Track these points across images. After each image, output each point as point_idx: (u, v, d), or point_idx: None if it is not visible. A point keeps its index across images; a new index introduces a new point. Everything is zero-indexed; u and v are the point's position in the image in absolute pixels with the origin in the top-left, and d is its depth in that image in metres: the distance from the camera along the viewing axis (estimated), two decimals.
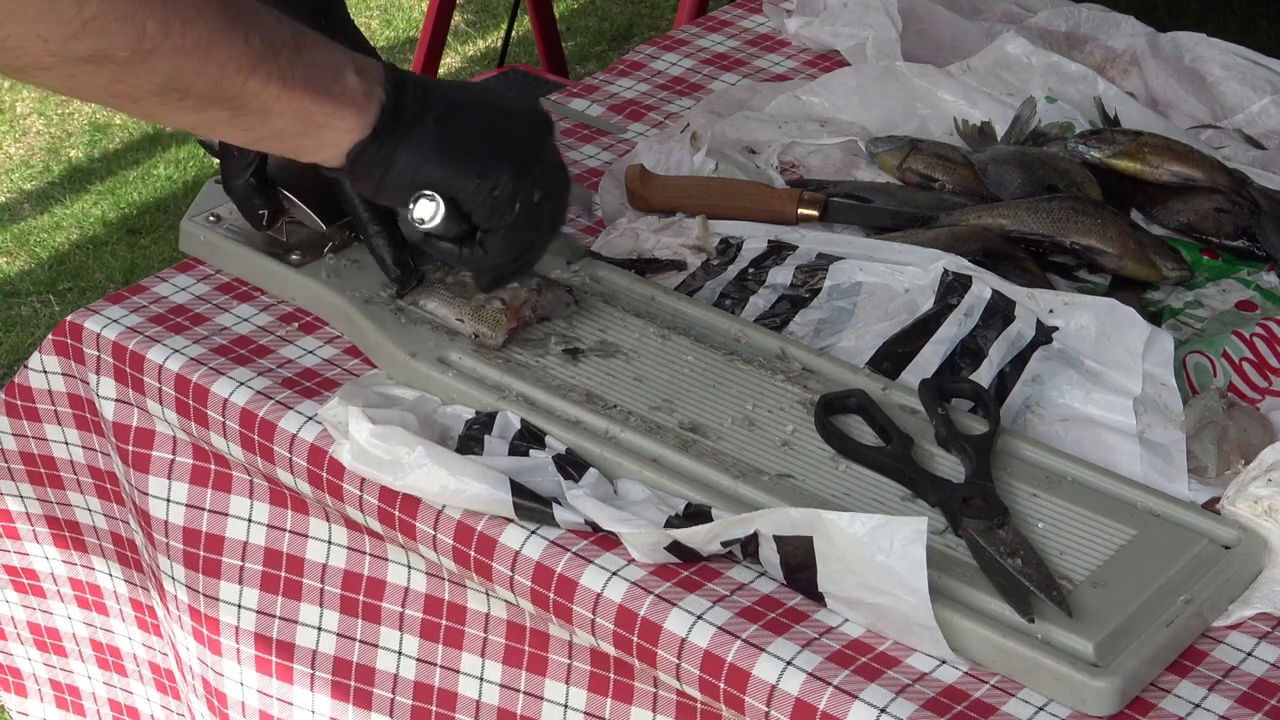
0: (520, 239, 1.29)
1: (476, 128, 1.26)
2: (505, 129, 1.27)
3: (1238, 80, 1.82)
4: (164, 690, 1.62)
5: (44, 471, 1.56)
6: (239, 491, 1.44)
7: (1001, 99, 1.76)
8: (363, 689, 1.40)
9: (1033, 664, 1.14)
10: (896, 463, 1.28)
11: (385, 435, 1.27)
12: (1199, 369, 1.41)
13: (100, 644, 1.64)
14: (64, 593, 1.62)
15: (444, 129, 1.24)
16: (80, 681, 1.67)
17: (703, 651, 1.18)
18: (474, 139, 1.25)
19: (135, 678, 1.64)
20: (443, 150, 1.24)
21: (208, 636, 1.46)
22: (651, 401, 1.35)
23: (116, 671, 1.64)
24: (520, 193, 1.26)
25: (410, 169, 1.24)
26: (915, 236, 1.55)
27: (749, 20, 2.02)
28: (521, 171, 1.26)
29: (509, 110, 1.29)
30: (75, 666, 1.66)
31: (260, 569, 1.43)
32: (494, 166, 1.25)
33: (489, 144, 1.25)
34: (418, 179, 1.24)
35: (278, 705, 1.45)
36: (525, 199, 1.26)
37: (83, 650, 1.65)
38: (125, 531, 1.55)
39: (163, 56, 1.11)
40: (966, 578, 1.19)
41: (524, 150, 1.27)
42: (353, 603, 1.40)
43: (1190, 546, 1.23)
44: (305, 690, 1.43)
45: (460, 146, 1.24)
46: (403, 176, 1.24)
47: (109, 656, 1.64)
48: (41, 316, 3.38)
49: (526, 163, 1.26)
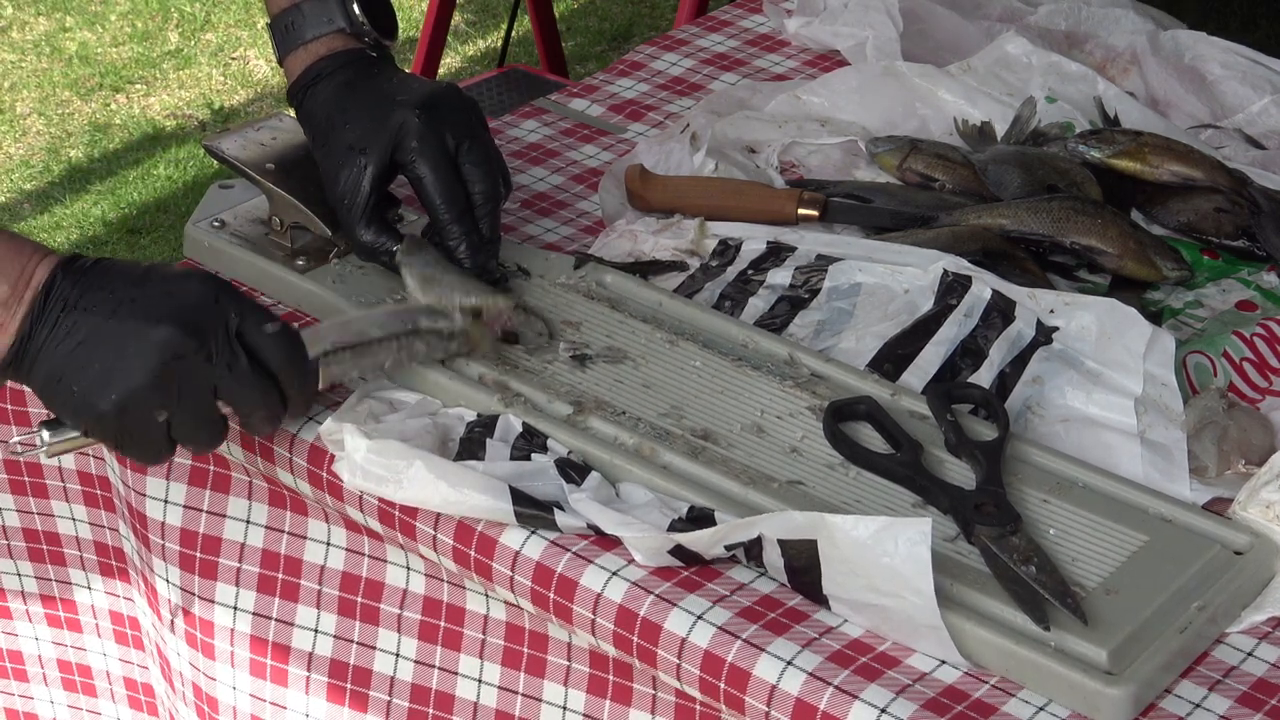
0: (148, 453, 1.27)
1: (85, 357, 1.24)
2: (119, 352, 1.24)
3: (1238, 80, 1.82)
4: (138, 706, 1.60)
5: (28, 480, 1.55)
6: (237, 493, 1.43)
7: (1001, 99, 1.76)
8: (359, 691, 1.40)
9: (1046, 671, 1.14)
10: (907, 470, 1.28)
11: (382, 450, 1.27)
12: (1199, 369, 1.41)
13: (69, 663, 1.61)
14: (33, 611, 1.59)
15: (55, 364, 1.24)
16: (40, 708, 1.64)
17: (703, 651, 1.18)
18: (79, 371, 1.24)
19: (106, 696, 1.61)
20: (50, 385, 1.25)
21: (200, 640, 1.45)
22: (660, 408, 1.35)
23: (85, 692, 1.61)
24: (124, 418, 1.24)
25: (46, 394, 1.26)
26: (915, 236, 1.54)
27: (749, 20, 2.02)
28: (128, 399, 1.23)
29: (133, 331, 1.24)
30: (37, 691, 1.63)
31: (257, 571, 1.42)
32: (91, 399, 1.24)
33: (90, 374, 1.24)
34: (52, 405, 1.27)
35: (271, 710, 1.44)
36: (137, 422, 1.24)
37: (47, 673, 1.62)
38: (113, 540, 1.54)
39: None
40: (978, 584, 1.19)
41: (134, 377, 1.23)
42: (350, 604, 1.39)
43: (1202, 552, 1.23)
44: (300, 693, 1.42)
45: (63, 383, 1.24)
46: (44, 396, 1.27)
47: (77, 676, 1.61)
48: None
49: (135, 391, 1.23)
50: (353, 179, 1.44)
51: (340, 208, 1.46)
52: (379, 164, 1.44)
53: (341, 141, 1.45)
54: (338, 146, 1.45)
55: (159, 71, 4.30)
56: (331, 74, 1.48)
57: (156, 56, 4.36)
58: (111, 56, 4.36)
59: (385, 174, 1.45)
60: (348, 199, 1.45)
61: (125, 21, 4.52)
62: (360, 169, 1.44)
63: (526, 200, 1.67)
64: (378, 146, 1.44)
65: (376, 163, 1.44)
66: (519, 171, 1.72)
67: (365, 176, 1.44)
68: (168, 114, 4.13)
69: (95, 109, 4.14)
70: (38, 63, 4.32)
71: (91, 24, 4.50)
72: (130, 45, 4.41)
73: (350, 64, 1.49)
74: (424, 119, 1.43)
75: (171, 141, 4.01)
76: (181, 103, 4.15)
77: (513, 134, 1.79)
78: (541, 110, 1.83)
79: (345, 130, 1.45)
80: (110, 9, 4.57)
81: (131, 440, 1.26)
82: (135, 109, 4.15)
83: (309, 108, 1.49)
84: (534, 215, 1.65)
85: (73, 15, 4.54)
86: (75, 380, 1.24)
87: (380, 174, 1.44)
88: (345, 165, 1.44)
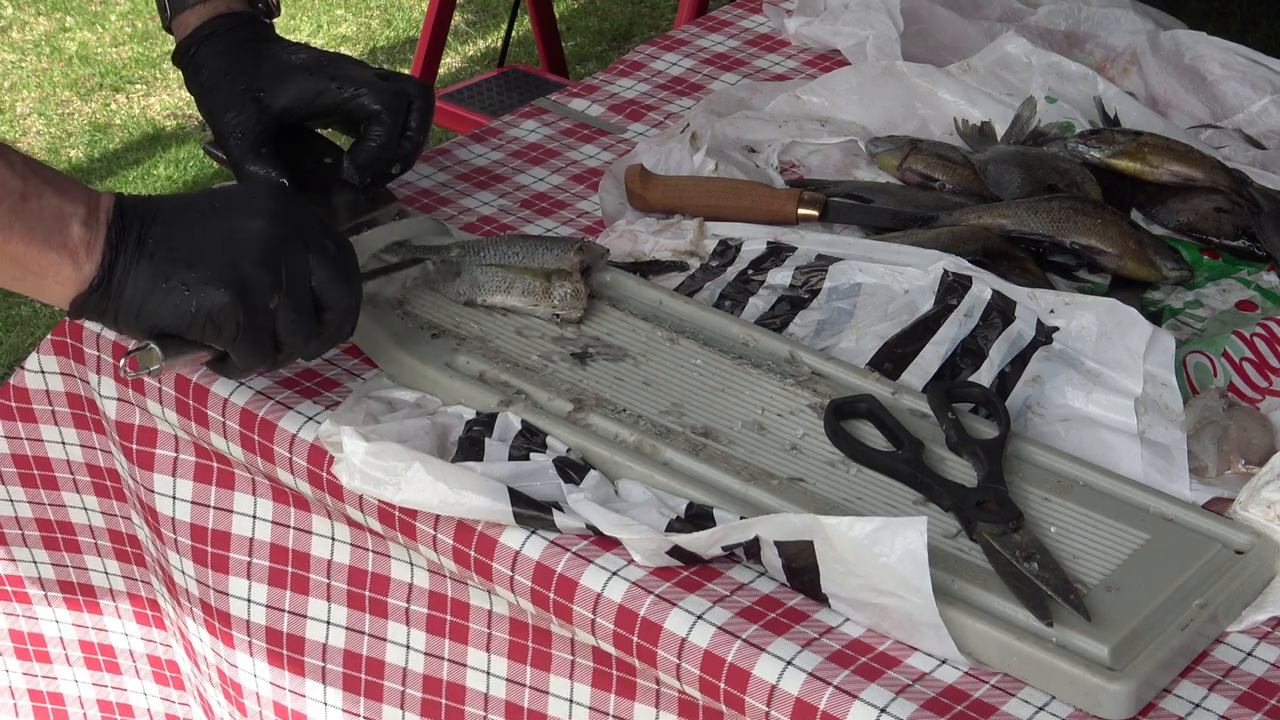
0: (262, 347, 1.28)
1: (188, 253, 1.25)
2: (220, 243, 1.26)
3: (1238, 80, 1.82)
4: (164, 682, 1.62)
5: (37, 473, 1.56)
6: (242, 489, 1.44)
7: (1001, 99, 1.76)
8: (374, 682, 1.41)
9: (1048, 667, 1.14)
10: (909, 467, 1.28)
11: (380, 452, 1.27)
12: (1199, 369, 1.41)
13: (91, 644, 1.63)
14: (52, 597, 1.61)
15: (157, 266, 1.24)
16: (65, 687, 1.65)
17: (703, 651, 1.18)
18: (185, 268, 1.25)
19: (130, 673, 1.63)
20: (155, 289, 1.24)
21: (220, 630, 1.46)
22: (661, 406, 1.35)
23: (109, 670, 1.63)
24: (239, 307, 1.25)
25: (130, 314, 1.25)
26: (915, 236, 1.55)
27: (749, 20, 2.02)
28: (239, 284, 1.25)
29: (227, 218, 1.27)
30: (60, 672, 1.65)
31: (267, 565, 1.43)
32: (205, 292, 1.24)
33: (201, 268, 1.25)
34: (140, 323, 1.26)
35: (290, 696, 1.45)
36: (250, 310, 1.25)
37: (69, 654, 1.63)
38: (126, 528, 1.55)
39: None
40: (980, 581, 1.19)
41: (243, 258, 1.25)
42: (359, 598, 1.40)
43: (1203, 551, 1.23)
44: (317, 683, 1.43)
45: (171, 281, 1.24)
46: (126, 321, 1.26)
47: (100, 655, 1.63)
48: (41, 316, 3.38)
49: (247, 271, 1.25)
50: (245, 116, 1.48)
51: (230, 140, 1.49)
52: (276, 108, 1.48)
53: (236, 86, 1.49)
54: (232, 91, 1.49)
55: (159, 71, 4.30)
56: (228, 31, 1.51)
57: (156, 56, 4.36)
58: (111, 56, 4.36)
59: (280, 117, 1.49)
60: (239, 131, 1.48)
61: (125, 21, 4.52)
62: (254, 108, 1.48)
63: (526, 200, 1.67)
64: (279, 95, 1.48)
65: (274, 105, 1.48)
66: (519, 171, 1.72)
67: (258, 113, 1.48)
68: (168, 114, 4.13)
69: (95, 109, 4.14)
70: (38, 63, 4.32)
71: (91, 24, 4.51)
72: (130, 45, 4.41)
73: (244, 25, 1.52)
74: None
75: (171, 141, 4.01)
76: (181, 103, 4.15)
77: (513, 134, 1.79)
78: (541, 110, 1.83)
79: (240, 78, 1.49)
80: (110, 9, 4.57)
81: (245, 334, 1.26)
82: (135, 109, 4.15)
83: (201, 58, 1.51)
84: (534, 215, 1.65)
85: (73, 15, 4.54)
86: (185, 278, 1.24)
87: (275, 116, 1.49)
88: (236, 105, 1.48)
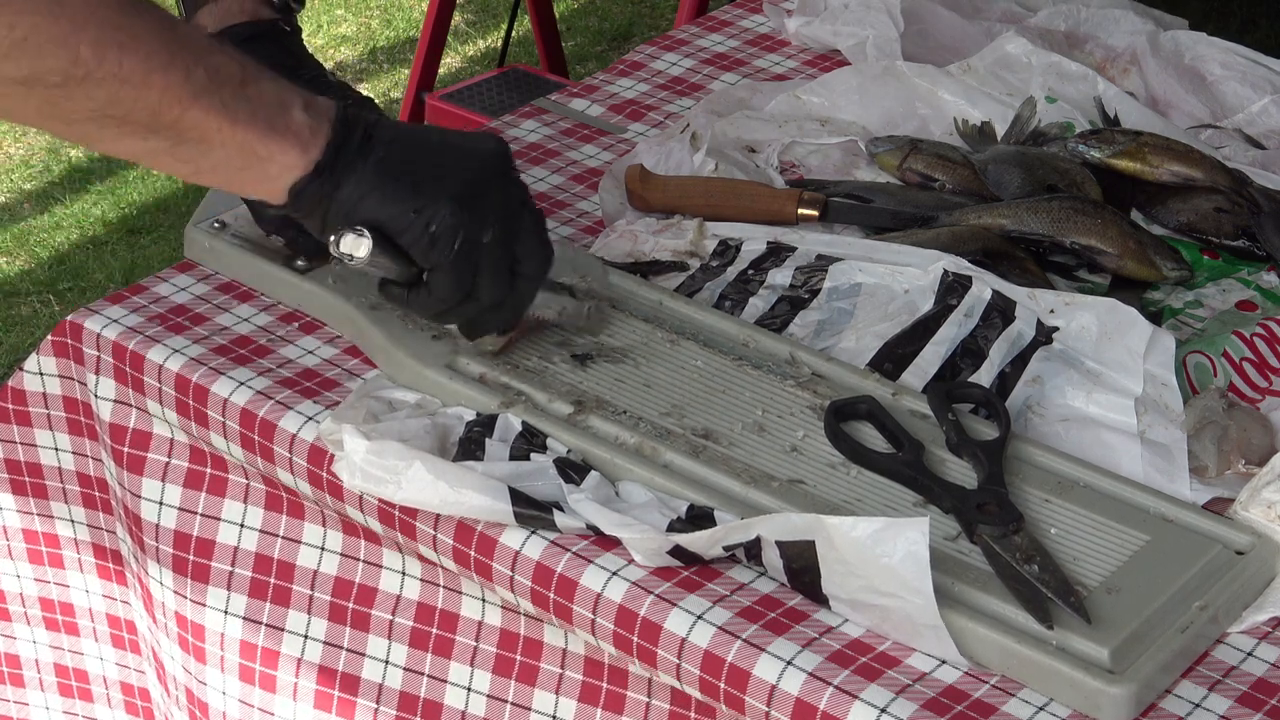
0: (465, 278, 1.25)
1: (419, 164, 1.23)
2: (452, 165, 1.24)
3: (1238, 80, 1.82)
4: (135, 712, 1.59)
5: (28, 480, 1.55)
6: (234, 495, 1.43)
7: (1001, 99, 1.76)
8: (346, 698, 1.39)
9: (1048, 670, 1.14)
10: (909, 469, 1.28)
11: (381, 451, 1.27)
12: (1199, 369, 1.41)
13: (65, 668, 1.60)
14: (31, 614, 1.59)
15: (385, 165, 1.22)
16: (35, 714, 1.63)
17: (703, 651, 1.18)
18: (415, 175, 1.23)
19: (102, 701, 1.61)
20: (381, 186, 1.22)
21: (192, 644, 1.45)
22: (661, 407, 1.35)
23: (81, 697, 1.61)
24: (461, 228, 1.22)
25: (349, 205, 1.22)
26: (915, 236, 1.55)
27: (749, 20, 2.02)
28: (464, 207, 1.23)
29: (459, 148, 1.26)
30: (32, 697, 1.62)
31: (249, 575, 1.42)
32: (432, 202, 1.22)
33: (430, 180, 1.23)
34: (355, 215, 1.22)
35: (259, 715, 1.43)
36: (468, 236, 1.23)
37: (44, 678, 1.61)
38: (110, 542, 1.53)
39: (97, 83, 1.11)
40: (979, 583, 1.19)
41: (470, 186, 1.24)
42: (341, 610, 1.39)
43: (1204, 552, 1.23)
44: (288, 699, 1.42)
45: (399, 182, 1.22)
46: (340, 212, 1.22)
47: (74, 681, 1.61)
48: (41, 316, 3.38)
49: (472, 199, 1.23)
50: None
51: None
52: None
53: None
54: None
55: None
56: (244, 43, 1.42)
57: None
58: None
59: None
60: None
61: None
62: None
63: None
64: None
65: None
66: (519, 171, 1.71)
67: None
68: None
69: None
70: None
71: None
72: None
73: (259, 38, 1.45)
74: None
75: None
76: None
77: (513, 134, 1.79)
78: (541, 110, 1.83)
79: None
80: None
81: (455, 258, 1.23)
82: None
83: None
84: None
85: None
86: (415, 184, 1.22)
87: None
88: None
